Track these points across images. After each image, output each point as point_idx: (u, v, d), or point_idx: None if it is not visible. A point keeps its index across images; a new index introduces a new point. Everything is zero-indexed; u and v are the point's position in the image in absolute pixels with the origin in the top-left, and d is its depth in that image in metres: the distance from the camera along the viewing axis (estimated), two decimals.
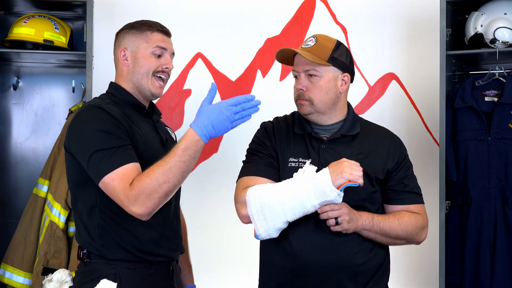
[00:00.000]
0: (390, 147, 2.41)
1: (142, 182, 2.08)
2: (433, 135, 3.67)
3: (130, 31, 2.36)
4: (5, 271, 3.46)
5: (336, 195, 2.18)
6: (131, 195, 2.07)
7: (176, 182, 2.10)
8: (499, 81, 3.38)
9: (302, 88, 2.35)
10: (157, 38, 2.34)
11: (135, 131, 2.23)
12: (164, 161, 2.10)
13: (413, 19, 3.72)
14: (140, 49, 2.33)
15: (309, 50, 2.34)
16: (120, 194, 2.09)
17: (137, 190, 2.07)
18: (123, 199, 2.09)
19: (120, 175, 2.09)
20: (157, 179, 2.08)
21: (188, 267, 2.59)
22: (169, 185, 2.09)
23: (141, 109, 2.36)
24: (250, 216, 2.26)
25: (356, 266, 2.29)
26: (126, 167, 2.10)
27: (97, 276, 2.20)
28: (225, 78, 3.80)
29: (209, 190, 3.76)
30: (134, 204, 2.08)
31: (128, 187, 2.08)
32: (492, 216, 3.31)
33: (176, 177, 2.10)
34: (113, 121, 2.17)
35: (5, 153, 3.80)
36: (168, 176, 2.08)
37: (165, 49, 2.35)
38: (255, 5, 3.80)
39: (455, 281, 3.38)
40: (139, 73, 2.33)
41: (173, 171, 2.09)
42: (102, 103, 2.26)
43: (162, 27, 2.38)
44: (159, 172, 2.08)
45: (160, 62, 2.34)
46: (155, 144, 2.32)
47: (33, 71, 3.83)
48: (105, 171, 2.10)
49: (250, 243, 2.67)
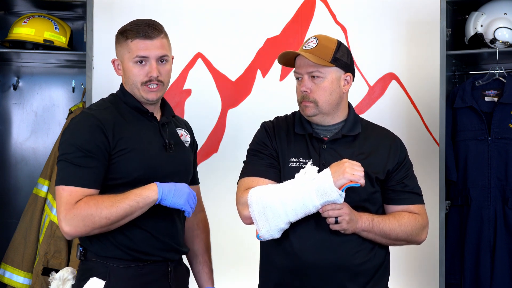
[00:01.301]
0: (391, 147, 2.41)
1: (86, 207, 2.16)
2: (433, 135, 3.67)
3: (118, 38, 2.33)
4: (5, 271, 3.46)
5: (337, 195, 2.18)
6: (70, 212, 2.16)
7: (114, 221, 2.19)
8: (499, 81, 3.38)
9: (307, 90, 2.34)
10: (137, 46, 2.27)
11: (124, 137, 2.24)
12: (116, 199, 2.18)
13: (413, 19, 3.72)
14: (124, 60, 2.31)
15: (312, 51, 2.33)
16: (62, 205, 2.17)
17: (78, 212, 2.16)
18: (62, 211, 2.17)
19: (72, 191, 2.18)
20: (101, 211, 2.16)
21: (208, 268, 2.55)
22: (108, 221, 2.17)
23: (143, 112, 2.35)
24: (252, 217, 2.26)
25: (356, 266, 2.29)
26: (79, 189, 2.18)
27: (90, 274, 2.24)
28: (225, 78, 3.80)
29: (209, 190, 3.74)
30: (68, 222, 2.16)
31: (72, 204, 2.16)
32: (492, 216, 3.31)
33: (117, 218, 2.18)
34: (91, 137, 2.21)
35: (5, 153, 3.80)
36: (111, 214, 2.16)
37: (146, 57, 2.28)
38: (255, 5, 3.80)
39: (455, 281, 3.38)
40: (129, 84, 2.33)
41: (118, 212, 2.17)
42: (99, 108, 2.29)
43: (146, 29, 2.28)
44: (106, 207, 2.16)
45: (144, 71, 2.29)
46: (155, 147, 2.31)
47: (33, 71, 3.83)
48: (63, 180, 2.19)
49: (250, 243, 2.67)
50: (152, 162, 2.27)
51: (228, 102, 3.80)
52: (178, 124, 2.49)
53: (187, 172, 2.45)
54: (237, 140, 3.69)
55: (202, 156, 3.77)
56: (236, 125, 3.78)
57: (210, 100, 3.79)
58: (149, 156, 2.27)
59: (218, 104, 3.79)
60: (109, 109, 2.29)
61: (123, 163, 2.23)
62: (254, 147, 2.43)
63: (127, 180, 2.24)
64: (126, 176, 2.24)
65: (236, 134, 3.77)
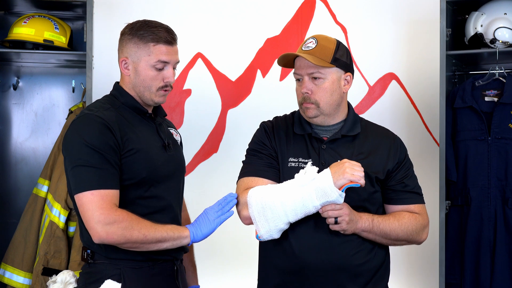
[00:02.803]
0: (391, 147, 2.40)
1: (128, 218, 2.14)
2: (433, 135, 3.67)
3: (133, 39, 2.28)
4: (5, 271, 3.46)
5: (337, 195, 2.18)
6: (109, 217, 2.11)
7: (148, 242, 2.17)
8: (499, 81, 3.38)
9: (308, 92, 2.33)
10: (160, 51, 2.27)
11: (130, 138, 2.23)
12: (154, 223, 2.18)
13: (413, 19, 3.72)
14: (141, 62, 2.28)
15: (311, 52, 2.32)
16: (97, 210, 2.11)
17: (120, 219, 2.12)
18: (97, 216, 2.11)
19: (102, 194, 2.13)
20: (141, 226, 2.15)
21: (193, 267, 2.59)
22: (144, 239, 2.16)
23: (143, 113, 2.34)
24: (252, 217, 2.26)
25: (356, 267, 2.29)
26: (109, 192, 2.14)
27: (101, 276, 2.20)
28: (225, 78, 3.80)
29: (209, 190, 3.75)
30: (105, 227, 2.11)
31: (109, 208, 2.11)
32: (492, 216, 3.31)
33: (152, 240, 2.17)
34: (103, 137, 2.17)
35: (5, 153, 3.80)
36: (149, 233, 2.17)
37: (167, 62, 2.29)
38: (255, 5, 3.80)
39: (455, 281, 3.38)
40: (141, 86, 2.30)
41: (156, 234, 2.18)
42: (100, 109, 2.25)
43: (167, 35, 2.29)
44: (146, 225, 2.16)
45: (162, 76, 2.29)
46: (155, 148, 2.30)
47: (33, 71, 3.83)
48: (89, 185, 2.13)
49: (250, 243, 2.67)
50: (154, 163, 2.27)
51: (228, 102, 3.80)
52: (168, 123, 2.50)
53: (183, 171, 2.46)
54: (237, 140, 3.69)
55: (202, 156, 3.77)
56: (236, 125, 3.78)
57: (210, 100, 3.79)
58: (152, 157, 2.26)
59: (218, 104, 3.79)
60: (109, 110, 2.27)
61: (130, 164, 2.21)
62: (253, 147, 2.43)
63: (133, 181, 2.22)
64: (134, 177, 2.22)
65: (236, 134, 3.77)
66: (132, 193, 2.23)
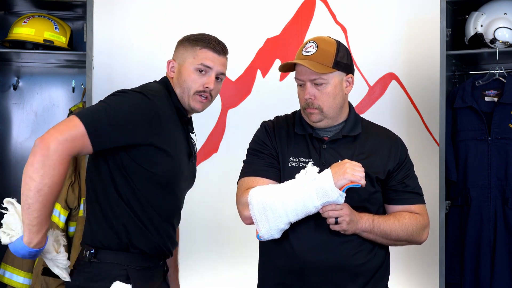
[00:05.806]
0: (391, 147, 2.40)
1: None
2: (433, 135, 3.67)
3: (184, 43, 2.36)
4: (5, 271, 3.46)
5: (338, 196, 2.18)
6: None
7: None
8: (499, 81, 3.38)
9: (311, 97, 2.31)
10: (205, 55, 2.32)
11: (167, 135, 2.22)
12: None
13: (413, 19, 3.72)
14: (185, 63, 2.32)
15: (312, 58, 2.30)
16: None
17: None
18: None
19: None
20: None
21: (177, 272, 2.61)
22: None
23: (182, 115, 2.35)
24: (253, 217, 2.26)
25: (356, 267, 2.29)
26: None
27: (106, 276, 2.19)
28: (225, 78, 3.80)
29: (209, 190, 3.76)
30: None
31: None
32: (492, 216, 3.31)
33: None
34: (142, 109, 2.17)
35: (5, 153, 3.80)
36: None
37: (210, 68, 2.32)
38: (255, 5, 3.80)
39: (455, 281, 3.38)
40: (181, 87, 2.32)
41: None
42: (156, 96, 2.25)
43: (216, 44, 2.34)
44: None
45: (202, 81, 2.31)
46: (182, 153, 2.31)
47: (33, 71, 3.83)
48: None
49: (250, 243, 2.67)
50: (178, 169, 2.28)
51: (228, 102, 3.80)
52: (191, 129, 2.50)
53: (194, 180, 2.48)
54: (237, 140, 3.69)
55: (202, 156, 3.77)
56: (236, 125, 3.78)
57: None
58: (178, 164, 2.28)
59: (218, 104, 3.79)
60: (164, 100, 2.27)
61: (155, 160, 2.20)
62: (254, 146, 2.42)
63: (148, 175, 2.20)
64: (152, 174, 2.20)
65: (236, 134, 3.77)
66: (147, 189, 2.22)
